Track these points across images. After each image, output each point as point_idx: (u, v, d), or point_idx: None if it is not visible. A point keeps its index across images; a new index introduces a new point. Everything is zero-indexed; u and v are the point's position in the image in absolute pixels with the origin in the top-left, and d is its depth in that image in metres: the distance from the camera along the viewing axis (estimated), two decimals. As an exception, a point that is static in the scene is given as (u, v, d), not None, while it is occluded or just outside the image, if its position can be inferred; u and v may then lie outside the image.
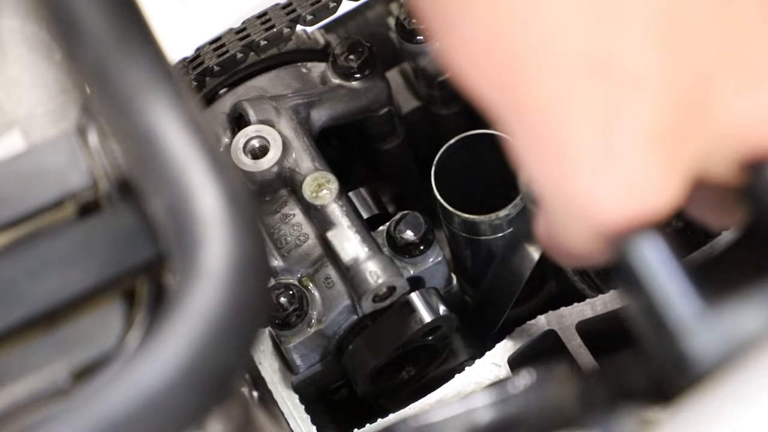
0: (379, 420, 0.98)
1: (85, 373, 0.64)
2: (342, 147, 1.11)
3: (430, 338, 1.00)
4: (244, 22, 1.05)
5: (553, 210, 0.67)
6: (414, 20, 1.04)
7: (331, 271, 0.98)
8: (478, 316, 1.05)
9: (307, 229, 0.99)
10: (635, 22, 0.65)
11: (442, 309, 0.99)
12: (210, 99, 1.06)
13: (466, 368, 0.99)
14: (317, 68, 1.07)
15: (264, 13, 1.05)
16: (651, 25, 0.65)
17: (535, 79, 0.65)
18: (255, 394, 0.98)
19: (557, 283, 1.10)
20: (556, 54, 0.65)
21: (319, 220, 0.97)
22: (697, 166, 0.67)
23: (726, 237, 1.01)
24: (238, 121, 1.02)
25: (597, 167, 0.65)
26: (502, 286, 1.00)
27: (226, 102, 1.04)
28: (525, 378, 0.66)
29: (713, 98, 0.65)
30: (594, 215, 0.65)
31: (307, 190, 0.97)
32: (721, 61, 0.66)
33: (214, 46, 1.04)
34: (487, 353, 0.99)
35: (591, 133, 0.65)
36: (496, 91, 0.67)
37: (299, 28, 1.06)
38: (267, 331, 1.01)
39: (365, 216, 1.02)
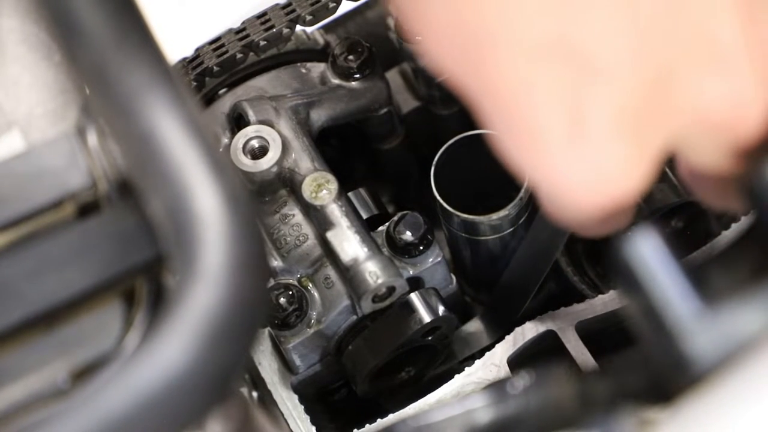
0: (379, 420, 0.98)
1: (84, 374, 0.64)
2: (342, 147, 1.11)
3: (429, 338, 1.00)
4: (243, 23, 1.05)
5: (535, 186, 0.69)
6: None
7: (330, 272, 0.98)
8: (504, 297, 1.05)
9: (307, 229, 0.99)
10: (600, 7, 0.65)
11: (441, 309, 0.99)
12: (209, 99, 1.06)
13: (466, 368, 0.99)
14: (317, 68, 1.07)
15: (264, 14, 1.05)
16: (616, 10, 0.65)
17: (501, 62, 0.66)
18: (254, 394, 0.98)
19: (557, 283, 1.10)
20: (520, 37, 0.65)
21: (319, 220, 0.97)
22: (671, 149, 0.67)
23: (726, 237, 1.01)
24: (237, 121, 1.02)
25: (565, 151, 0.66)
26: (531, 263, 1.00)
27: (226, 102, 1.04)
28: (524, 378, 0.66)
29: (681, 83, 0.66)
30: (565, 197, 0.67)
31: (307, 190, 0.97)
32: (689, 46, 0.66)
33: (213, 46, 1.04)
34: (487, 353, 0.99)
35: (558, 117, 0.65)
36: (466, 74, 0.68)
37: (299, 28, 1.06)
38: (266, 331, 1.01)
39: (365, 216, 1.02)
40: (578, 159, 0.66)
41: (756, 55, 0.66)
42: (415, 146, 1.13)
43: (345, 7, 1.07)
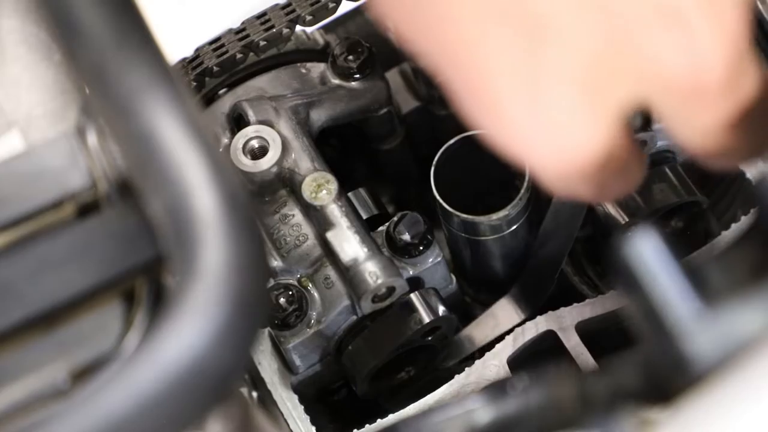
0: (379, 420, 0.98)
1: (84, 374, 0.64)
2: (341, 147, 1.11)
3: (429, 338, 1.00)
4: (243, 23, 1.05)
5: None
6: None
7: (330, 272, 0.98)
8: (533, 275, 1.04)
9: (307, 229, 0.99)
10: None
11: (441, 309, 0.99)
12: (209, 99, 1.06)
13: (466, 368, 0.99)
14: (317, 68, 1.07)
15: (263, 14, 1.05)
16: None
17: (456, 27, 0.66)
18: (254, 394, 0.98)
19: (557, 283, 1.10)
20: (466, 2, 0.65)
21: (319, 220, 0.97)
22: (633, 111, 0.68)
23: (726, 237, 1.01)
24: (237, 121, 1.02)
25: (524, 116, 0.66)
26: (555, 238, 1.00)
27: (226, 102, 1.04)
28: (524, 378, 0.66)
29: (636, 44, 0.66)
30: (529, 161, 0.68)
31: (307, 190, 0.97)
32: (643, 6, 0.65)
33: (213, 46, 1.04)
34: (487, 353, 0.99)
35: (514, 82, 0.66)
36: (425, 42, 0.68)
37: (299, 28, 1.06)
38: (266, 331, 1.01)
39: (365, 216, 1.02)
40: (537, 122, 0.66)
41: (713, 19, 0.66)
42: (415, 146, 1.12)
43: (345, 7, 1.07)
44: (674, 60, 0.66)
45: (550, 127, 0.66)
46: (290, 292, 0.97)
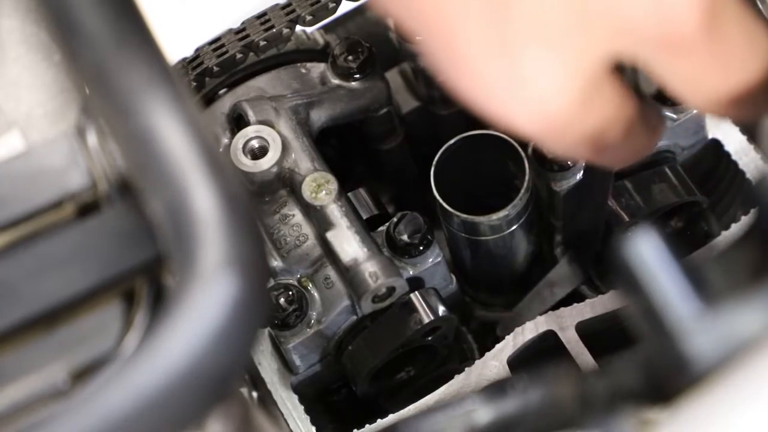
0: (379, 420, 0.98)
1: (84, 374, 0.64)
2: (341, 147, 1.11)
3: (429, 338, 1.00)
4: (243, 23, 1.05)
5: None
6: None
7: (330, 272, 0.98)
8: (580, 239, 1.05)
9: (307, 229, 0.99)
10: None
11: (441, 309, 0.99)
12: (209, 99, 1.06)
13: (466, 368, 0.99)
14: (317, 68, 1.07)
15: (263, 14, 1.05)
16: None
17: None
18: (254, 394, 0.98)
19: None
20: None
21: (319, 220, 0.97)
22: (612, 66, 0.67)
23: (726, 237, 1.01)
24: (237, 121, 1.02)
25: (497, 76, 0.67)
26: (590, 205, 0.99)
27: (226, 102, 1.04)
28: (524, 378, 0.66)
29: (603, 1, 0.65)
30: (505, 121, 0.68)
31: (307, 190, 0.97)
32: None
33: (213, 46, 1.04)
34: (487, 353, 0.99)
35: (485, 42, 0.66)
36: (403, 13, 0.68)
37: (299, 28, 1.06)
38: (266, 331, 1.01)
39: (365, 216, 1.02)
40: (510, 82, 0.66)
41: None
42: (415, 146, 1.13)
43: (345, 7, 1.07)
44: (642, 12, 0.65)
45: (522, 85, 0.66)
46: (290, 292, 0.97)
